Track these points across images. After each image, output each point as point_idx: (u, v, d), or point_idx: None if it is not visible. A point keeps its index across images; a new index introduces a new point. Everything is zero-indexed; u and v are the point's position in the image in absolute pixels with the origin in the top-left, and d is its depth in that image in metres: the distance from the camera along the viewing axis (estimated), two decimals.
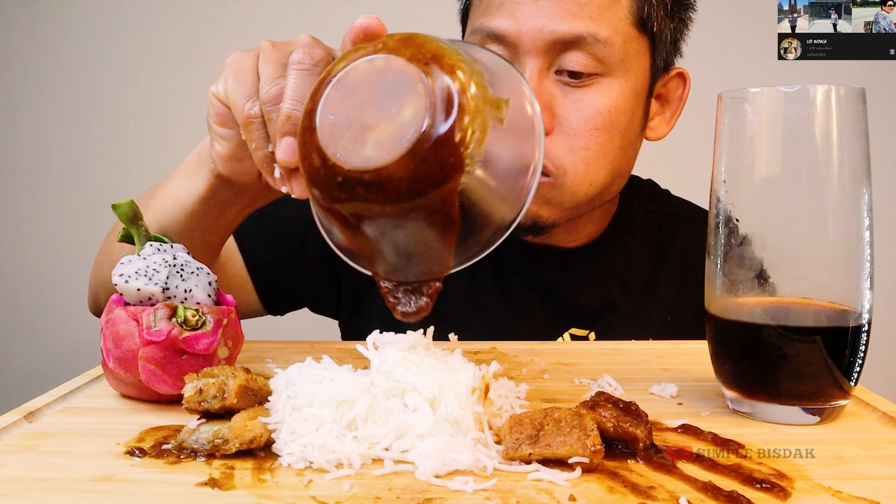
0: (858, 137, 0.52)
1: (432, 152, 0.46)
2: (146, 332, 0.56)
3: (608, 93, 0.83)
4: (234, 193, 0.71)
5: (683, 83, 0.94)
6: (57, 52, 1.75)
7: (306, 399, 0.49)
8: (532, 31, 0.81)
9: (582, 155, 0.83)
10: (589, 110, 0.83)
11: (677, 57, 0.93)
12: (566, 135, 0.83)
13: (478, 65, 0.50)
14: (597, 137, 0.83)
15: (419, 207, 0.47)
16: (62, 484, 0.44)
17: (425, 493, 0.42)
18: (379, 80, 0.48)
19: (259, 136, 0.59)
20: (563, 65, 0.82)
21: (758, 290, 0.53)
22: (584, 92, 0.83)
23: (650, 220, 1.02)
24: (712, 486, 0.43)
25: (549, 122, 0.82)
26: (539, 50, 0.81)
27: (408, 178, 0.46)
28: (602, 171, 0.85)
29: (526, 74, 0.82)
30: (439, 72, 0.47)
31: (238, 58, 0.62)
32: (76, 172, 1.77)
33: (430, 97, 0.46)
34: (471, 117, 0.46)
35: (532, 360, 0.73)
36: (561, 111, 0.83)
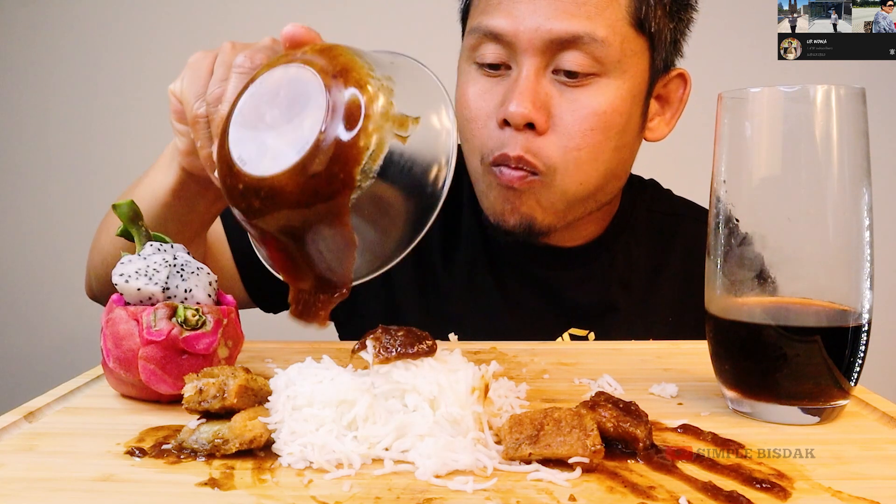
0: (858, 137, 0.52)
1: (321, 166, 0.46)
2: (146, 331, 0.56)
3: (605, 93, 0.83)
4: (200, 187, 0.75)
5: (684, 84, 0.94)
6: (57, 52, 1.75)
7: (306, 399, 0.49)
8: (529, 30, 0.81)
9: (574, 155, 0.83)
10: (585, 110, 0.83)
11: (678, 57, 0.93)
12: (560, 134, 0.83)
13: (393, 81, 0.49)
14: (591, 138, 0.83)
15: (310, 220, 0.48)
16: (62, 484, 0.44)
17: (425, 493, 0.42)
18: (289, 88, 0.49)
19: (204, 136, 0.62)
20: (560, 64, 0.82)
21: (758, 289, 0.53)
22: (581, 92, 0.83)
23: (652, 219, 1.02)
24: (712, 486, 0.43)
25: (545, 121, 0.82)
26: (536, 49, 0.81)
27: (297, 190, 0.46)
28: (593, 171, 0.85)
29: (523, 73, 0.82)
30: (342, 86, 0.47)
31: (198, 58, 0.64)
32: (76, 172, 1.77)
33: (327, 111, 0.46)
34: (367, 133, 0.46)
35: (532, 360, 0.73)
36: (557, 111, 0.83)
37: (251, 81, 0.51)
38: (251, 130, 0.49)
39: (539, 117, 0.81)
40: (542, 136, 0.83)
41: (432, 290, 0.98)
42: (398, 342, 0.50)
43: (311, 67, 0.48)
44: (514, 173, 0.84)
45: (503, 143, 0.84)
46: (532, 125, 0.82)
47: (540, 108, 0.81)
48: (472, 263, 0.98)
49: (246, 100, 0.50)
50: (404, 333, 0.51)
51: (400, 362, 0.50)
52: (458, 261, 0.98)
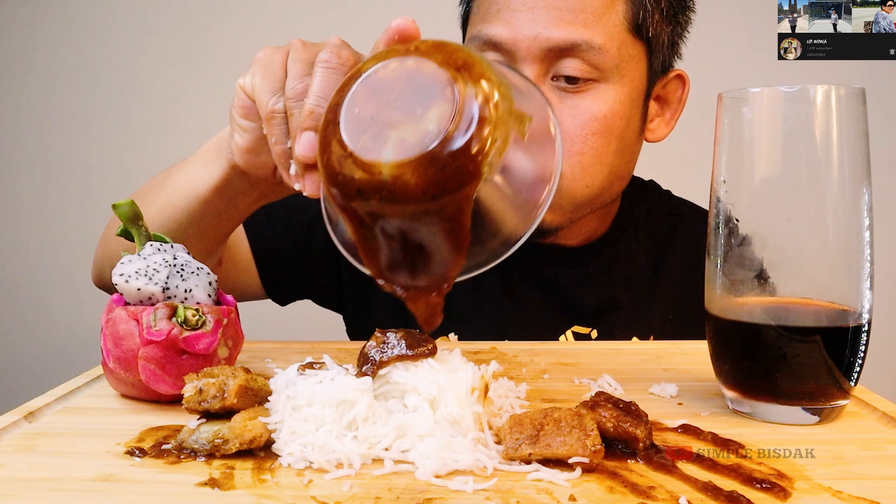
0: (858, 137, 0.52)
1: (451, 158, 0.45)
2: (146, 331, 0.56)
3: (604, 99, 0.84)
4: (247, 185, 0.72)
5: (683, 84, 0.94)
6: (57, 52, 1.75)
7: (306, 399, 0.49)
8: (528, 38, 0.82)
9: (578, 159, 0.84)
10: (585, 115, 0.84)
11: (676, 58, 0.93)
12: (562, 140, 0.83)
13: (505, 78, 0.50)
14: (592, 142, 0.84)
15: (432, 212, 0.47)
16: (62, 484, 0.44)
17: (425, 493, 0.42)
18: (408, 81, 0.48)
19: (280, 132, 0.60)
20: (559, 70, 0.83)
21: (758, 290, 0.53)
22: (581, 97, 0.84)
23: (652, 219, 1.03)
24: (712, 486, 0.43)
25: None
26: (535, 57, 0.82)
27: (424, 181, 0.45)
28: (598, 174, 0.87)
29: None
30: (468, 79, 0.47)
31: (268, 53, 0.62)
32: (76, 172, 1.77)
33: (456, 103, 0.46)
34: (493, 127, 0.46)
35: (532, 360, 0.73)
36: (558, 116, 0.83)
37: (358, 72, 0.50)
38: (368, 119, 0.48)
39: None
40: None
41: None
42: (397, 345, 0.51)
43: (431, 60, 0.48)
44: None
45: None
46: None
47: None
48: None
49: (358, 89, 0.49)
50: (403, 336, 0.52)
51: (400, 363, 0.50)
52: None
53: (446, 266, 0.51)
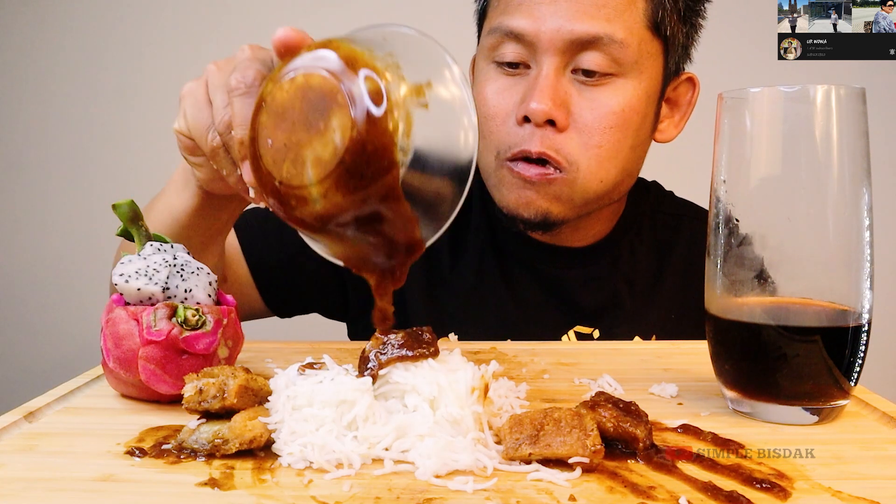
0: (858, 137, 0.52)
1: (365, 163, 0.47)
2: (146, 331, 0.56)
3: (622, 93, 0.85)
4: (223, 200, 0.74)
5: (693, 87, 0.96)
6: (58, 52, 1.75)
7: (306, 399, 0.49)
8: (550, 30, 0.83)
9: (595, 152, 0.85)
10: (604, 109, 0.84)
11: (687, 62, 0.95)
12: (580, 132, 0.85)
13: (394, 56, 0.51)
14: (610, 136, 0.85)
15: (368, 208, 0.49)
16: (62, 484, 0.44)
17: (425, 493, 0.42)
18: (303, 98, 0.50)
19: (227, 163, 0.61)
20: (579, 64, 0.84)
21: (758, 290, 0.53)
22: (600, 91, 0.85)
23: (655, 220, 1.04)
24: (712, 486, 0.43)
25: (565, 118, 0.84)
26: (557, 49, 0.83)
27: (348, 189, 0.48)
28: (613, 168, 0.87)
29: (543, 71, 0.84)
30: (354, 77, 0.48)
31: (191, 89, 0.63)
32: (76, 172, 1.77)
33: (351, 107, 0.47)
34: (393, 114, 0.48)
35: (532, 360, 0.73)
36: (576, 108, 0.85)
37: (261, 101, 0.51)
38: (282, 147, 0.50)
39: (559, 114, 0.83)
40: (562, 133, 0.84)
41: (440, 285, 0.99)
42: (397, 346, 0.51)
43: (317, 70, 0.49)
44: (531, 169, 0.85)
45: (522, 139, 0.85)
46: (552, 122, 0.83)
47: (560, 106, 0.83)
48: (480, 260, 0.99)
49: (263, 121, 0.51)
50: (404, 336, 0.52)
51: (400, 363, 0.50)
52: (467, 257, 0.99)
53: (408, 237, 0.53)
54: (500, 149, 0.87)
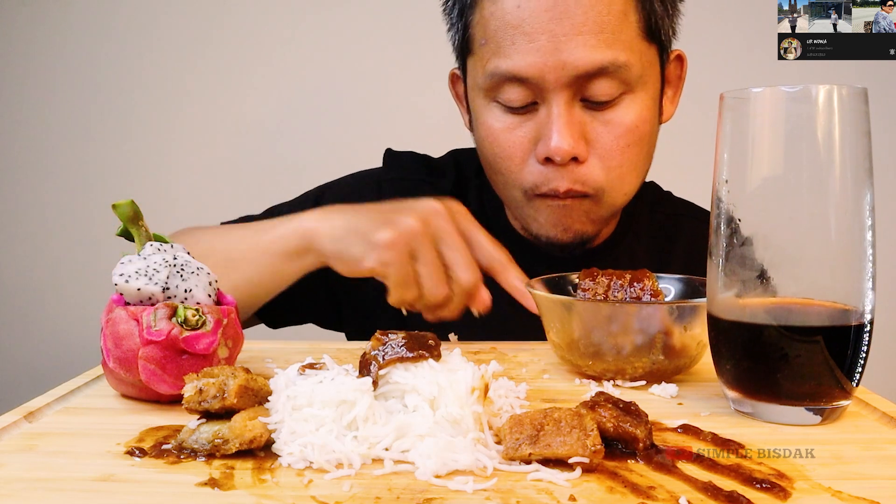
0: (860, 137, 0.52)
1: None
2: (146, 331, 0.56)
3: (634, 109, 0.85)
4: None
5: (682, 63, 0.96)
6: (57, 52, 1.75)
7: (306, 399, 0.49)
8: (555, 69, 0.81)
9: (617, 173, 0.87)
10: (620, 129, 0.85)
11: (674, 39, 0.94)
12: (601, 157, 0.86)
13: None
14: (629, 154, 0.86)
15: None
16: (62, 484, 0.44)
17: (425, 493, 0.42)
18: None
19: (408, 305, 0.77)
20: (590, 94, 0.84)
21: (759, 290, 0.53)
22: (612, 112, 0.85)
23: (654, 220, 1.04)
24: (712, 486, 0.43)
25: (586, 152, 0.84)
26: (564, 85, 0.82)
27: None
28: (636, 180, 0.90)
29: (554, 110, 0.83)
30: None
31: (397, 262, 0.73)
32: (76, 172, 1.77)
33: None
34: None
35: (532, 360, 0.73)
36: (593, 135, 0.85)
37: None
38: None
39: (581, 149, 0.84)
40: (584, 163, 0.85)
41: None
42: (398, 346, 0.51)
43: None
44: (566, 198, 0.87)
45: (548, 178, 0.86)
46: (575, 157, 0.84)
47: (579, 140, 0.84)
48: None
49: None
50: (405, 337, 0.52)
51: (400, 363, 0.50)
52: None
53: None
54: (525, 187, 0.88)
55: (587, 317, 0.64)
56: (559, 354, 0.68)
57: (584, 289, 0.71)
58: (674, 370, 0.64)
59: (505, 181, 0.91)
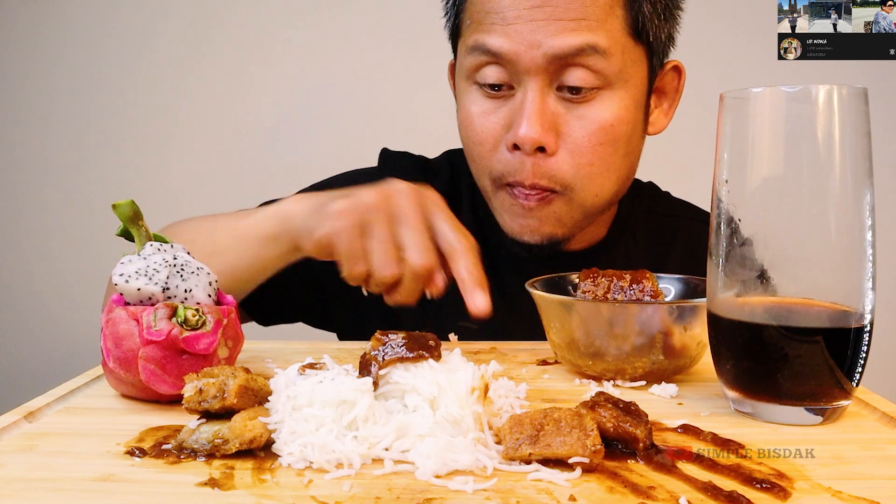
0: (860, 137, 0.52)
1: None
2: (146, 331, 0.56)
3: (610, 106, 0.84)
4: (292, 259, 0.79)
5: (679, 75, 0.94)
6: (57, 52, 1.75)
7: (306, 399, 0.49)
8: (530, 49, 0.80)
9: (587, 170, 0.84)
10: (593, 125, 0.83)
11: (672, 49, 0.93)
12: (571, 152, 0.84)
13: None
14: (601, 152, 0.84)
15: None
16: (62, 484, 0.44)
17: (425, 493, 0.42)
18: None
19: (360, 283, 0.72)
20: (564, 81, 0.82)
21: (759, 290, 0.53)
22: (587, 107, 0.83)
23: (651, 221, 1.03)
24: (712, 486, 0.43)
25: (555, 143, 0.83)
26: (539, 68, 0.81)
27: None
28: (607, 182, 0.87)
29: (528, 96, 0.82)
30: None
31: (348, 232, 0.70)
32: (76, 172, 1.77)
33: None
34: None
35: (532, 360, 0.73)
36: (565, 128, 0.83)
37: None
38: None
39: (549, 140, 0.82)
40: (554, 156, 0.83)
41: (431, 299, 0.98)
42: (398, 346, 0.51)
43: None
44: (531, 198, 0.85)
45: (515, 168, 0.84)
46: (543, 148, 0.82)
47: (549, 130, 0.82)
48: None
49: None
50: (405, 337, 0.52)
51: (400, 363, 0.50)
52: None
53: None
54: (493, 175, 0.87)
55: (587, 317, 0.64)
56: (559, 354, 0.68)
57: (585, 290, 0.71)
58: (674, 370, 0.64)
59: (477, 168, 0.89)
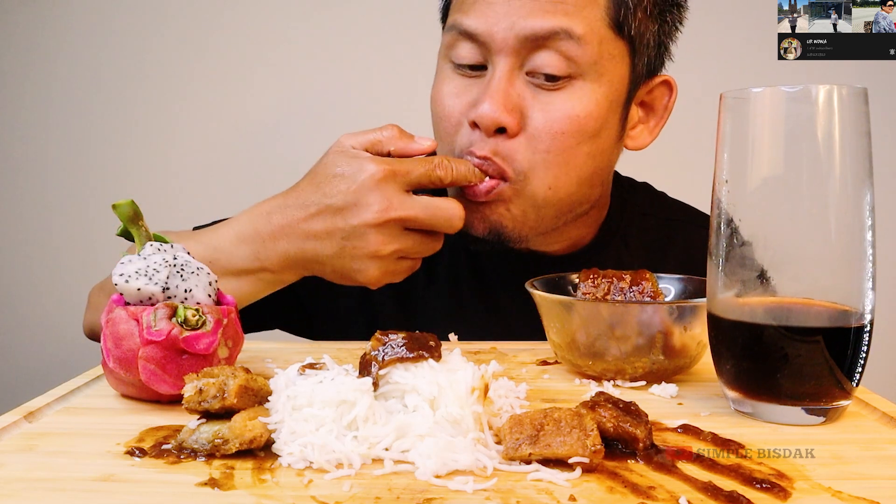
0: (860, 137, 0.52)
1: None
2: (146, 331, 0.56)
3: (580, 97, 0.80)
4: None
5: (670, 92, 0.90)
6: (57, 52, 1.75)
7: (306, 399, 0.49)
8: (503, 29, 0.79)
9: (542, 157, 0.80)
10: (557, 113, 0.80)
11: (667, 61, 0.89)
12: (530, 137, 0.80)
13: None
14: (561, 141, 0.80)
15: None
16: (62, 484, 0.44)
17: (425, 493, 0.42)
18: None
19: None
20: (534, 66, 0.80)
21: (759, 290, 0.53)
22: (556, 95, 0.80)
23: (645, 224, 0.99)
24: (712, 486, 0.43)
25: (516, 125, 0.79)
26: (510, 49, 0.79)
27: None
28: (563, 176, 0.82)
29: (496, 74, 0.80)
30: None
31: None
32: (76, 172, 1.77)
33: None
34: None
35: (532, 360, 0.73)
36: (529, 112, 0.80)
37: None
38: None
39: (510, 120, 0.79)
40: (513, 138, 0.80)
41: (414, 302, 0.96)
42: (398, 346, 0.51)
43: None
44: (480, 187, 0.81)
45: (472, 144, 0.81)
46: (503, 129, 0.79)
47: (512, 111, 0.79)
48: (454, 274, 0.96)
49: None
50: (405, 338, 0.52)
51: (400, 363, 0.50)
52: (441, 272, 0.96)
53: None
54: (453, 153, 0.83)
55: (587, 317, 0.64)
56: (559, 354, 0.68)
57: (585, 292, 0.71)
58: (674, 370, 0.64)
59: (441, 146, 0.86)
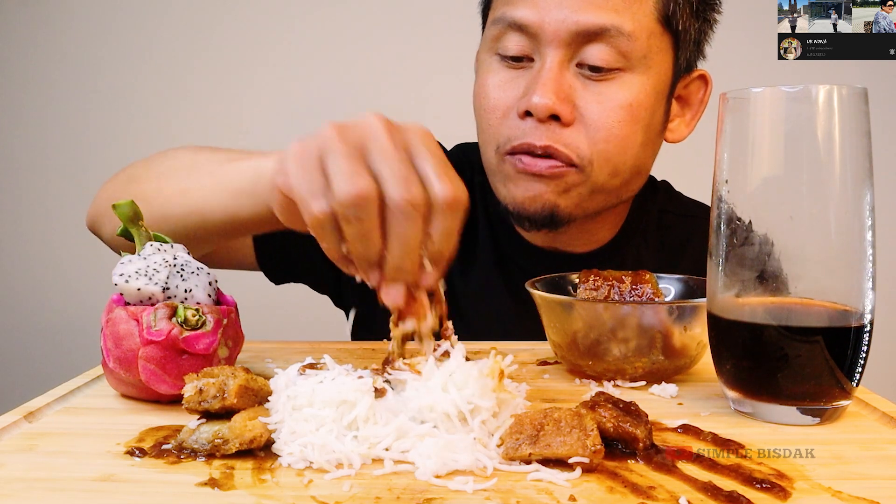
0: (860, 137, 0.52)
1: None
2: (146, 331, 0.56)
3: (629, 88, 0.83)
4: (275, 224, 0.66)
5: (705, 85, 0.93)
6: (57, 52, 1.75)
7: (306, 399, 0.49)
8: (555, 21, 0.80)
9: (603, 147, 0.83)
10: (611, 103, 0.82)
11: (700, 59, 0.92)
12: (588, 126, 0.82)
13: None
14: (619, 130, 0.83)
15: None
16: (62, 484, 0.44)
17: (425, 493, 0.42)
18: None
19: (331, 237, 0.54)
20: (584, 58, 0.82)
21: (760, 289, 0.53)
22: (605, 85, 0.83)
23: (664, 221, 1.01)
24: (712, 486, 0.43)
25: (570, 113, 0.81)
26: (561, 41, 0.81)
27: None
28: (622, 164, 0.85)
29: (546, 64, 0.82)
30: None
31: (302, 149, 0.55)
32: (76, 172, 1.77)
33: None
34: None
35: (532, 360, 0.73)
36: (582, 102, 0.82)
37: None
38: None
39: (564, 109, 0.81)
40: (568, 127, 0.82)
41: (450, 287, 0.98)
42: None
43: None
44: (540, 162, 0.83)
45: (524, 133, 0.82)
46: (556, 117, 0.81)
47: (564, 100, 0.81)
48: (486, 268, 0.98)
49: None
50: None
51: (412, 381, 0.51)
52: (473, 266, 0.98)
53: None
54: (499, 142, 0.85)
55: (587, 317, 0.64)
56: (559, 354, 0.68)
57: (585, 291, 0.71)
58: (674, 370, 0.64)
59: (484, 139, 0.87)
